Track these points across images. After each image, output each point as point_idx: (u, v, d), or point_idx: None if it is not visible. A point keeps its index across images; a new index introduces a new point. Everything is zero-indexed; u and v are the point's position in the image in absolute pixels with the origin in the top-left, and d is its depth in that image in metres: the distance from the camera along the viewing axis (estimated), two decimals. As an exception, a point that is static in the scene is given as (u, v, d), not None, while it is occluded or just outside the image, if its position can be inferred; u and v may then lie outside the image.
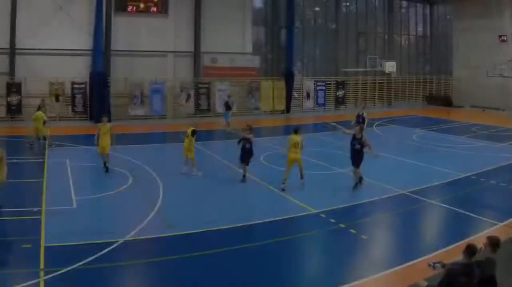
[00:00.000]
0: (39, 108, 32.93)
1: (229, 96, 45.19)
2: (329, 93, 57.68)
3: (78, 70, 44.47)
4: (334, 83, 58.00)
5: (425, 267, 11.79)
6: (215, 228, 17.37)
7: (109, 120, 28.63)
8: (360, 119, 29.56)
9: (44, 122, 31.86)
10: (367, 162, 25.78)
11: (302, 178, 23.05)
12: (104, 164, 25.63)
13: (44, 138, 31.96)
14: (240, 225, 17.98)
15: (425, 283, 11.72)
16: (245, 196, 22.40)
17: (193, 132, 25.52)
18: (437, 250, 15.57)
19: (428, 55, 70.12)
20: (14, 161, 26.00)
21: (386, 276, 14.00)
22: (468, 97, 61.79)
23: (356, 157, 23.02)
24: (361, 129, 24.20)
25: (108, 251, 14.95)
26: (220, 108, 49.41)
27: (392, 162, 29.21)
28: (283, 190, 22.25)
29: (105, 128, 26.00)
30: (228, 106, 41.37)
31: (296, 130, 23.09)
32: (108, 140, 25.70)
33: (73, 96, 44.25)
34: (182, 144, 26.29)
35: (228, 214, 19.12)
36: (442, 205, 20.95)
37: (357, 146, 22.85)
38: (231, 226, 17.59)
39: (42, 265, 13.92)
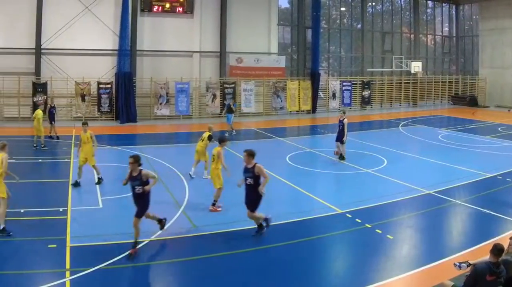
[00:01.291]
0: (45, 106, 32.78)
1: (231, 99, 44.28)
2: (354, 93, 56.22)
3: (104, 70, 43.83)
4: (359, 83, 56.54)
5: (450, 267, 11.60)
6: (240, 228, 16.92)
7: (134, 120, 27.50)
8: (340, 125, 27.88)
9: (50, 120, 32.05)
10: (393, 162, 27.09)
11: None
12: (99, 179, 22.49)
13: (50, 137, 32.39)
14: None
15: (451, 283, 11.15)
16: (271, 196, 20.25)
17: (210, 138, 24.23)
18: (463, 250, 15.14)
19: (453, 55, 68.33)
20: (40, 160, 26.80)
21: (412, 276, 13.59)
22: (494, 97, 60.55)
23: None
24: None
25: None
26: (245, 108, 48.99)
27: (417, 162, 28.65)
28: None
29: (85, 137, 22.35)
30: (230, 109, 39.14)
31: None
32: (90, 151, 22.29)
33: (99, 97, 43.44)
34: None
35: None
36: (467, 205, 20.23)
37: None
38: (256, 226, 16.77)
39: (68, 265, 13.62)
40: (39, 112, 31.38)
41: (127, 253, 14.35)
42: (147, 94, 45.33)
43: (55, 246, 14.79)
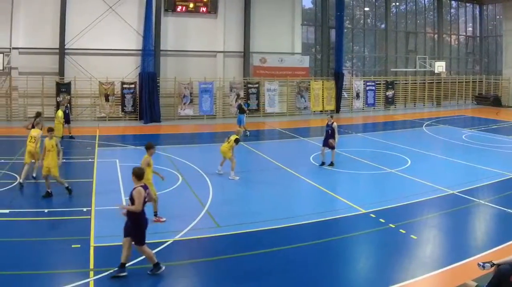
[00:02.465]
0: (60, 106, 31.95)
1: (242, 99, 42.65)
2: (378, 93, 54.72)
3: (127, 70, 42.91)
4: (383, 83, 55.08)
5: (474, 267, 11.13)
6: (264, 228, 16.63)
7: (158, 120, 26.85)
8: (329, 130, 25.88)
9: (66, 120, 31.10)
10: (416, 162, 26.72)
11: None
12: (68, 189, 19.83)
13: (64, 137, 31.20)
14: (289, 225, 17.15)
15: (475, 284, 10.73)
16: (295, 195, 21.29)
17: (237, 141, 23.70)
18: (486, 250, 14.79)
19: (477, 55, 66.25)
20: (63, 160, 24.81)
21: (435, 276, 13.27)
22: (517, 97, 59.28)
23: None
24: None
25: (157, 251, 14.08)
26: (270, 108, 47.90)
27: (441, 162, 28.05)
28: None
29: (49, 145, 19.67)
30: (242, 110, 37.48)
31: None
32: (54, 159, 19.58)
33: (123, 97, 42.50)
34: None
35: (277, 214, 18.22)
36: (491, 205, 19.70)
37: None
38: (281, 226, 16.87)
39: (91, 265, 13.40)
40: (59, 112, 30.82)
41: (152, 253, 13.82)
42: (170, 94, 44.39)
43: (79, 246, 14.52)
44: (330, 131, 25.66)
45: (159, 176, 17.73)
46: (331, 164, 25.80)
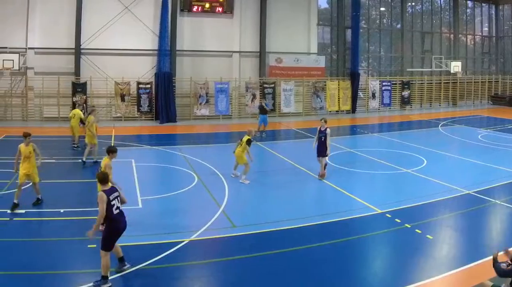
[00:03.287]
0: (75, 106, 31.54)
1: (263, 99, 41.77)
2: (394, 93, 53.67)
3: (143, 70, 42.30)
4: (399, 83, 53.96)
5: (490, 267, 10.96)
6: (280, 228, 16.40)
7: (174, 120, 26.57)
8: (323, 136, 22.94)
9: (82, 122, 29.63)
10: (432, 162, 26.26)
11: None
12: (14, 206, 17.58)
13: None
14: (305, 225, 16.90)
15: (490, 283, 10.80)
16: (311, 195, 21.04)
17: (249, 142, 22.42)
18: (502, 250, 13.22)
19: (493, 55, 64.78)
20: (79, 160, 25.69)
21: (451, 276, 13.14)
22: (534, 97, 57.54)
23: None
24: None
25: (173, 251, 14.19)
26: (286, 108, 47.00)
27: (457, 162, 27.50)
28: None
29: (26, 151, 17.96)
30: (264, 110, 36.20)
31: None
32: (33, 166, 18.06)
33: (139, 97, 41.84)
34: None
35: (293, 214, 17.91)
36: (507, 205, 19.36)
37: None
38: (297, 226, 16.63)
39: None
40: (77, 111, 30.12)
41: (166, 253, 13.99)
42: (186, 94, 43.58)
43: (94, 246, 13.81)
44: (323, 138, 22.82)
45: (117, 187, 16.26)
46: (322, 175, 23.03)
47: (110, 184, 12.76)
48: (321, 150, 22.83)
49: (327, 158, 23.08)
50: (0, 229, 15.77)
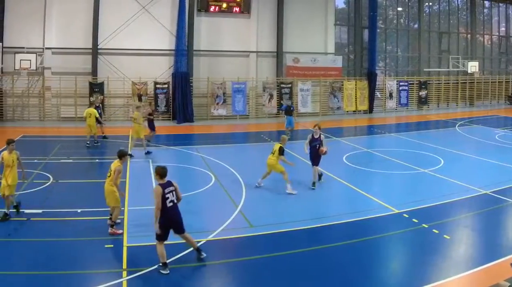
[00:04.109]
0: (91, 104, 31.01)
1: (288, 100, 40.17)
2: (411, 93, 52.41)
3: (160, 70, 41.56)
4: (416, 83, 52.76)
5: (507, 268, 11.42)
6: (297, 228, 16.02)
7: (191, 120, 26.59)
8: (317, 145, 20.87)
9: (98, 120, 29.91)
10: (449, 162, 25.72)
11: None
12: (15, 208, 16.73)
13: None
14: (322, 224, 16.61)
15: (507, 284, 9.92)
16: (328, 195, 20.48)
17: (281, 150, 20.26)
18: None
19: (510, 55, 63.21)
20: (96, 160, 25.97)
21: (468, 276, 12.84)
22: (551, 97, 55.68)
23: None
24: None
25: (190, 251, 13.72)
26: (302, 108, 45.81)
27: (474, 162, 26.85)
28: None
29: (9, 160, 16.19)
30: (290, 111, 34.32)
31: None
32: (15, 177, 16.43)
33: (156, 96, 41.03)
34: (264, 144, 26.42)
35: (311, 214, 17.67)
36: None
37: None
38: (314, 226, 16.31)
39: (124, 265, 13.05)
40: (92, 110, 29.61)
41: (183, 253, 13.68)
42: (204, 94, 42.83)
43: (112, 246, 14.20)
44: (318, 146, 20.83)
45: (118, 191, 15.60)
46: (314, 184, 21.13)
47: (165, 179, 13.06)
48: (314, 159, 20.97)
49: (318, 167, 21.13)
50: (17, 229, 15.46)
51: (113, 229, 15.14)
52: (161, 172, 13.10)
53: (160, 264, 12.62)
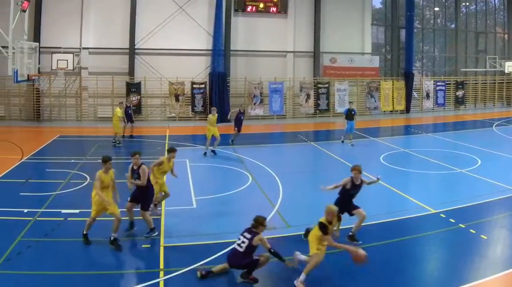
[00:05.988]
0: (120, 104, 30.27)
1: (351, 103, 34.95)
2: (448, 93, 49.66)
3: (197, 70, 39.71)
4: (453, 83, 49.94)
5: None
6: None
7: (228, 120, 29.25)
8: (355, 193, 14.86)
9: (123, 120, 29.33)
10: (487, 162, 24.53)
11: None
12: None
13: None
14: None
15: None
16: (365, 195, 18.02)
17: (323, 228, 12.25)
18: None
19: (547, 55, 59.52)
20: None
21: (505, 276, 12.20)
22: None
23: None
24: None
25: (227, 251, 12.92)
26: (339, 108, 42.86)
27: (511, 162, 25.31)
28: None
29: (107, 180, 13.90)
30: (351, 115, 29.83)
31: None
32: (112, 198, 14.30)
33: (193, 96, 39.22)
34: (301, 145, 26.62)
35: (347, 214, 15.55)
36: None
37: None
38: (350, 226, 14.85)
39: (161, 265, 12.58)
40: (117, 110, 29.38)
41: (219, 253, 13.10)
42: (241, 94, 40.87)
43: (148, 246, 13.83)
44: (355, 195, 14.86)
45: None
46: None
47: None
48: (345, 207, 14.52)
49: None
50: (54, 229, 14.84)
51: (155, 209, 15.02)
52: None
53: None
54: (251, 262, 11.54)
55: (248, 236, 11.57)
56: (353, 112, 30.02)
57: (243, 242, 11.53)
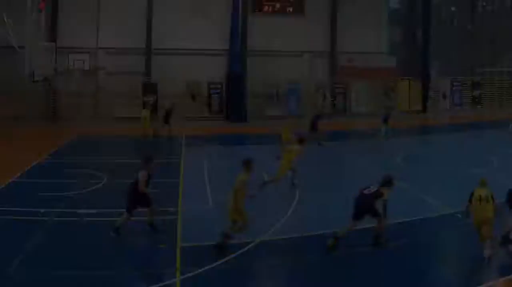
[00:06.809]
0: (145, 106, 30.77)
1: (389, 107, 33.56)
2: (465, 93, 48.71)
3: (214, 70, 39.12)
4: (470, 83, 48.90)
5: None
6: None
7: (245, 119, 28.39)
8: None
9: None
10: (503, 162, 23.81)
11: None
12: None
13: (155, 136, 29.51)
14: None
15: None
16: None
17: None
18: None
19: None
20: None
21: None
22: None
23: None
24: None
25: (244, 251, 13.05)
26: (356, 108, 43.25)
27: None
28: None
29: (241, 183, 13.34)
30: (386, 119, 29.26)
31: None
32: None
33: (210, 96, 39.05)
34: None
35: None
36: None
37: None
38: (369, 225, 14.13)
39: (178, 265, 12.30)
40: (143, 112, 29.61)
41: (237, 253, 12.84)
42: (257, 94, 40.36)
43: (165, 245, 13.53)
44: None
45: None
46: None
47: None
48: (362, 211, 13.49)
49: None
50: (71, 229, 14.91)
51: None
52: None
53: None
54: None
55: None
56: (387, 117, 29.40)
57: None
